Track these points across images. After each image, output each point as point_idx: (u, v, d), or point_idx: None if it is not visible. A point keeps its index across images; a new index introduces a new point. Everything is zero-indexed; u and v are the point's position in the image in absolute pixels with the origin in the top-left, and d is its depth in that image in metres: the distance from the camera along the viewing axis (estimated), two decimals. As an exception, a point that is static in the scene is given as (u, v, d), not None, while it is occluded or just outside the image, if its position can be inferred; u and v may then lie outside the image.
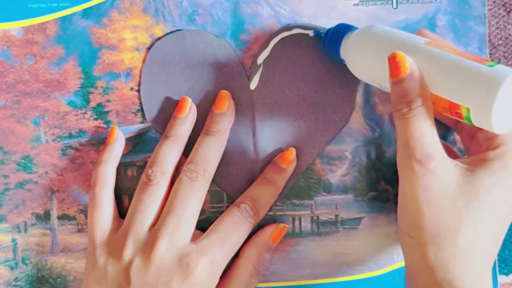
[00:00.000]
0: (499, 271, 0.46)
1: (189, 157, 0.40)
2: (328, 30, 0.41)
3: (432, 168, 0.33)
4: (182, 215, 0.38)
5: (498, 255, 0.45)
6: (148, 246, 0.37)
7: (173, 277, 0.36)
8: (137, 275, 0.37)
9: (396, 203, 0.44)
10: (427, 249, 0.33)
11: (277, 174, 0.42)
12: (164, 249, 0.37)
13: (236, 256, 0.41)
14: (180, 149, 0.41)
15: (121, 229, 0.39)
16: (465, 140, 0.41)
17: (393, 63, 0.34)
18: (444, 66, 0.33)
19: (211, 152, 0.40)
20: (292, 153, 0.43)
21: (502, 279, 0.46)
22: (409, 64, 0.34)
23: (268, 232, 0.42)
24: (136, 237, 0.38)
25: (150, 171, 0.40)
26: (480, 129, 0.33)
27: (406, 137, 0.34)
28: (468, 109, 0.32)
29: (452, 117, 0.34)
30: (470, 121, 0.32)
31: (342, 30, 0.40)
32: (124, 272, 0.37)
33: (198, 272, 0.37)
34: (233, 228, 0.39)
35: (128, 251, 0.37)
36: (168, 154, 0.40)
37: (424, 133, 0.33)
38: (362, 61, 0.38)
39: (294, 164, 0.43)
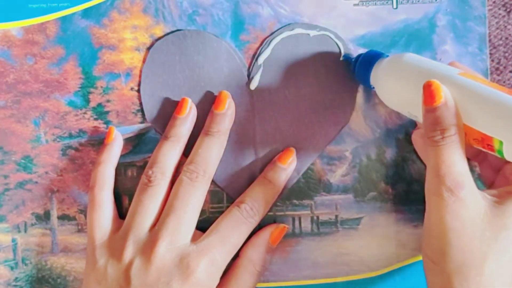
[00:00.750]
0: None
1: (189, 158, 0.40)
2: (359, 56, 0.41)
3: (461, 197, 0.33)
4: (182, 215, 0.38)
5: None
6: (148, 247, 0.37)
7: (173, 278, 0.36)
8: (137, 276, 0.36)
9: (395, 203, 0.44)
10: (452, 278, 0.33)
11: (277, 174, 0.42)
12: (164, 250, 0.37)
13: (236, 256, 0.41)
14: (180, 150, 0.41)
15: (121, 230, 0.39)
16: (488, 172, 0.41)
17: (428, 91, 0.34)
18: (478, 98, 0.33)
19: (211, 153, 0.40)
20: (292, 153, 0.43)
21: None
22: (444, 93, 0.34)
23: (268, 233, 0.42)
24: (136, 238, 0.38)
25: (150, 172, 0.40)
26: (508, 162, 0.33)
27: (437, 164, 0.34)
28: (501, 142, 0.32)
29: (483, 149, 0.34)
30: (502, 155, 0.32)
31: (373, 57, 0.40)
32: (124, 273, 0.37)
33: (199, 273, 0.37)
34: (233, 229, 0.39)
35: (128, 252, 0.37)
36: (168, 154, 0.40)
37: (455, 161, 0.33)
38: (393, 88, 0.38)
39: (294, 164, 0.43)
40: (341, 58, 0.43)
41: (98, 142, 0.43)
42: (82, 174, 0.43)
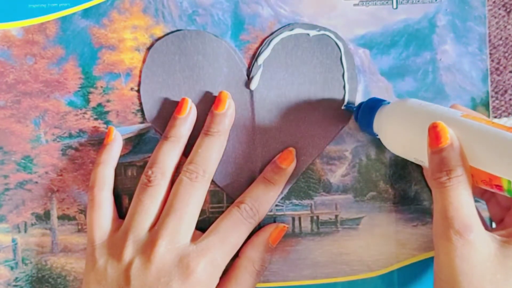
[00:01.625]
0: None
1: (189, 158, 0.40)
2: (360, 104, 0.41)
3: (470, 240, 0.33)
4: (182, 215, 0.38)
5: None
6: (148, 247, 0.37)
7: (173, 278, 0.36)
8: (137, 275, 0.37)
9: (395, 203, 0.44)
10: None
11: (277, 174, 0.42)
12: (164, 250, 0.37)
13: (236, 256, 0.41)
14: (180, 150, 0.41)
15: (121, 230, 0.39)
16: (497, 210, 0.41)
17: (434, 132, 0.34)
18: (483, 139, 0.33)
19: (211, 153, 0.40)
20: (291, 153, 0.43)
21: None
22: (449, 134, 0.34)
23: (268, 233, 0.42)
24: (136, 238, 0.38)
25: (150, 172, 0.40)
26: None
27: (445, 206, 0.34)
28: (509, 182, 0.32)
29: (491, 189, 0.34)
30: (511, 194, 0.32)
31: (374, 104, 0.40)
32: (124, 273, 0.37)
33: (198, 273, 0.37)
34: (233, 229, 0.39)
35: (128, 252, 0.38)
36: (168, 154, 0.40)
37: (463, 203, 0.33)
38: (397, 134, 0.38)
39: (294, 164, 0.43)
40: (342, 107, 0.43)
41: (98, 142, 0.43)
42: (82, 174, 0.43)
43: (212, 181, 0.42)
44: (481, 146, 0.33)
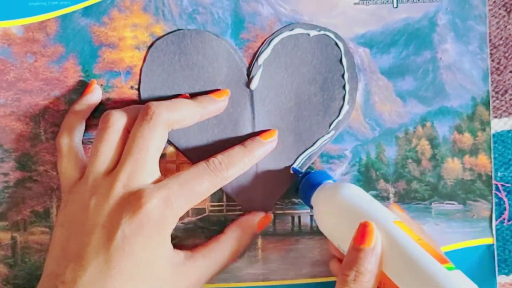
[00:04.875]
0: (499, 271, 0.45)
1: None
2: (305, 174, 0.42)
3: None
4: (142, 158, 0.37)
5: (498, 255, 0.45)
6: (106, 187, 0.37)
7: (124, 210, 0.36)
8: (94, 212, 0.36)
9: (395, 202, 0.44)
10: None
11: (255, 144, 0.41)
12: (121, 189, 0.36)
13: (221, 233, 0.41)
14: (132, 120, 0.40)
15: (84, 177, 0.39)
16: None
17: (362, 230, 0.34)
18: (403, 253, 0.33)
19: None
20: (274, 133, 0.43)
21: (502, 279, 0.46)
22: (375, 238, 0.34)
23: (256, 217, 0.42)
24: (96, 182, 0.37)
25: (107, 117, 0.39)
26: None
27: None
28: None
29: None
30: None
31: (316, 180, 0.40)
32: (84, 215, 0.37)
33: (149, 208, 0.35)
34: (195, 176, 0.38)
35: (88, 194, 0.37)
36: (133, 109, 0.40)
37: None
38: (328, 219, 0.39)
39: (273, 144, 0.42)
40: (291, 170, 0.43)
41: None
42: (82, 172, 0.43)
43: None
44: (399, 260, 0.33)
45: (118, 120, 0.38)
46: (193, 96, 0.42)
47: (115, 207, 0.36)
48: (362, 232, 0.34)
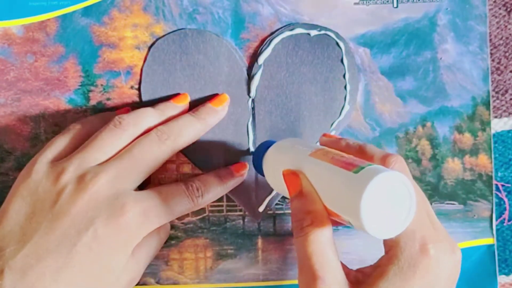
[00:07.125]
0: (499, 271, 0.46)
1: (165, 123, 0.39)
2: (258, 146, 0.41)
3: None
4: (136, 163, 0.36)
5: (499, 255, 0.45)
6: (89, 177, 0.35)
7: (99, 215, 0.34)
8: (65, 201, 0.34)
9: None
10: None
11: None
12: (104, 185, 0.35)
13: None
14: (160, 119, 0.40)
15: (70, 155, 0.37)
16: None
17: (287, 181, 0.34)
18: (322, 179, 0.33)
19: (188, 128, 0.39)
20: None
21: (502, 279, 0.46)
22: (299, 180, 0.34)
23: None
24: (81, 166, 0.36)
25: (123, 118, 0.38)
26: None
27: (298, 257, 0.33)
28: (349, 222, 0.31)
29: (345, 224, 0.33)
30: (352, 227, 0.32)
31: (263, 147, 0.40)
32: (54, 196, 0.35)
33: (130, 217, 0.35)
34: (175, 196, 0.38)
35: (67, 176, 0.35)
36: (149, 115, 0.39)
37: (312, 252, 0.32)
38: (270, 180, 0.39)
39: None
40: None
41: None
42: (82, 172, 0.43)
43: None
44: (321, 186, 0.33)
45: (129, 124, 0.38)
46: (193, 96, 0.42)
47: (91, 205, 0.34)
48: (287, 183, 0.34)
